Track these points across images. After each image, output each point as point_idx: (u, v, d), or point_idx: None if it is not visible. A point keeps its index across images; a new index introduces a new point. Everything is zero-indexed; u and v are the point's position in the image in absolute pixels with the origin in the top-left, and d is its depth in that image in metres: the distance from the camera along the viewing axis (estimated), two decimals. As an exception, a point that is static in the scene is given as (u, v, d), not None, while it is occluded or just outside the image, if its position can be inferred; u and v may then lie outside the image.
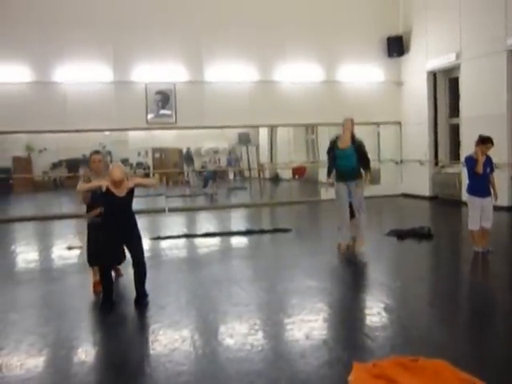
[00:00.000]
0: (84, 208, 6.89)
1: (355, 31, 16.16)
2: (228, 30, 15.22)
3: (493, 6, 12.82)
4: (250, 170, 23.50)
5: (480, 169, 7.83)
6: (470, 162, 7.99)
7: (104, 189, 5.92)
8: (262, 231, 11.01)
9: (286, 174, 23.03)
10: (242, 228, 11.66)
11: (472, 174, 7.99)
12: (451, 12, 14.30)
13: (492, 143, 7.99)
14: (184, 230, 11.77)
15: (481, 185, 7.96)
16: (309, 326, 5.18)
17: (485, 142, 7.96)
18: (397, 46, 16.44)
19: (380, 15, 16.46)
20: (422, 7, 15.66)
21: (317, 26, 15.83)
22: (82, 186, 6.37)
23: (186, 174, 24.31)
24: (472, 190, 8.03)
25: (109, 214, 6.07)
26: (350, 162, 8.26)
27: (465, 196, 13.75)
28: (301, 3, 15.76)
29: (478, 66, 13.49)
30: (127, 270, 6.93)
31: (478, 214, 7.96)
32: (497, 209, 12.51)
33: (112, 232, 6.01)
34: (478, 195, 7.95)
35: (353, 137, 8.41)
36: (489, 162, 8.04)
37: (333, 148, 8.48)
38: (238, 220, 13.93)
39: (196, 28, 15.05)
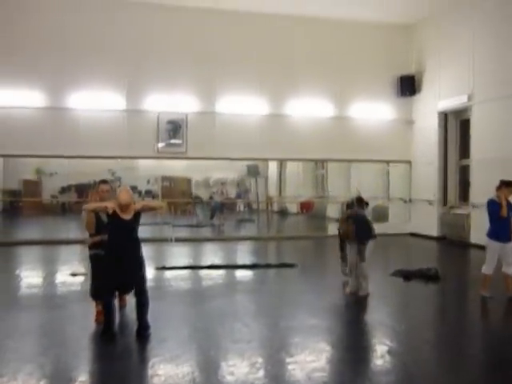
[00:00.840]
0: (87, 236, 6.88)
1: (368, 68, 16.33)
2: (241, 63, 15.41)
3: (505, 50, 12.94)
4: (258, 202, 23.45)
5: (505, 212, 7.70)
6: (494, 205, 7.83)
7: (110, 211, 5.90)
8: (268, 265, 10.95)
9: (294, 207, 22.98)
10: (248, 261, 11.61)
11: (495, 218, 7.79)
12: (464, 54, 14.43)
13: None
14: (189, 261, 11.73)
15: (504, 229, 7.77)
16: (310, 366, 5.10)
17: (509, 185, 7.91)
18: (409, 85, 16.56)
19: (393, 54, 16.63)
20: (435, 48, 15.81)
21: (330, 61, 16.03)
22: (88, 205, 6.33)
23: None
24: (493, 235, 7.81)
25: (114, 237, 6.02)
26: None
27: (475, 238, 13.71)
28: (315, 40, 15.97)
29: (489, 108, 13.54)
30: (130, 299, 6.88)
31: (496, 259, 7.80)
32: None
33: (116, 256, 5.93)
34: (500, 240, 7.74)
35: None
36: (510, 206, 7.91)
37: None
38: (244, 253, 13.86)
39: (210, 60, 15.23)
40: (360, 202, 9.22)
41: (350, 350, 5.78)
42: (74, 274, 9.71)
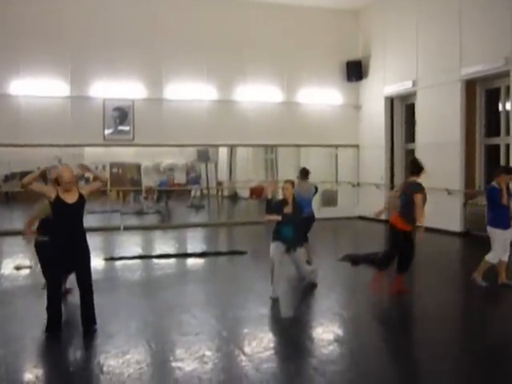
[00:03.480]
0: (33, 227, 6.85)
1: (315, 54, 16.39)
2: (188, 48, 15.17)
3: (448, 38, 13.22)
4: (208, 187, 23.35)
5: (505, 199, 7.54)
6: (495, 192, 7.63)
7: (53, 197, 5.73)
8: (218, 253, 10.94)
9: (245, 192, 23.00)
10: (198, 249, 11.57)
11: (496, 205, 7.61)
12: (409, 40, 14.68)
13: None
14: (138, 251, 11.59)
15: (504, 216, 7.62)
16: (258, 357, 5.12)
17: (509, 172, 7.79)
18: (356, 71, 16.71)
19: (340, 39, 16.74)
20: (381, 33, 16.00)
21: (277, 47, 15.98)
22: (24, 179, 5.79)
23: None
24: (495, 222, 7.63)
25: (58, 224, 5.83)
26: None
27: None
28: (262, 25, 15.88)
29: (433, 94, 13.84)
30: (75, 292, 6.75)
31: (502, 247, 7.64)
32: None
33: (60, 244, 5.77)
34: (502, 227, 7.58)
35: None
36: (509, 193, 7.76)
37: None
38: (194, 240, 13.80)
39: (156, 45, 14.96)
40: (304, 173, 9.19)
41: (298, 339, 5.82)
42: (18, 268, 9.45)
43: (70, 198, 5.79)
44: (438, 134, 13.62)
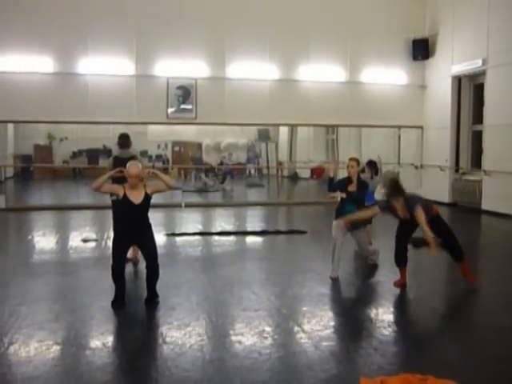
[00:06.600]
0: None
1: (380, 32, 15.99)
2: (251, 28, 15.17)
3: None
4: (268, 167, 23.41)
5: None
6: None
7: (121, 195, 5.92)
8: (278, 232, 10.98)
9: (305, 172, 22.91)
10: (258, 228, 11.64)
11: None
12: (479, 17, 14.07)
13: None
14: (199, 227, 11.79)
15: None
16: (318, 335, 5.14)
17: None
18: (422, 49, 16.23)
19: (406, 17, 16.25)
20: (449, 11, 15.43)
21: (341, 26, 15.73)
22: (96, 182, 6.05)
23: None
24: None
25: (123, 220, 6.07)
26: None
27: (486, 205, 13.62)
28: (327, 3, 15.64)
29: (504, 73, 13.26)
30: (140, 268, 6.96)
31: None
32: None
33: (125, 237, 6.05)
34: None
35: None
36: None
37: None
38: (254, 219, 13.88)
39: (219, 24, 15.02)
40: (371, 165, 9.09)
41: (358, 319, 5.80)
42: (85, 240, 9.82)
43: (137, 197, 5.95)
44: (508, 115, 13.07)
